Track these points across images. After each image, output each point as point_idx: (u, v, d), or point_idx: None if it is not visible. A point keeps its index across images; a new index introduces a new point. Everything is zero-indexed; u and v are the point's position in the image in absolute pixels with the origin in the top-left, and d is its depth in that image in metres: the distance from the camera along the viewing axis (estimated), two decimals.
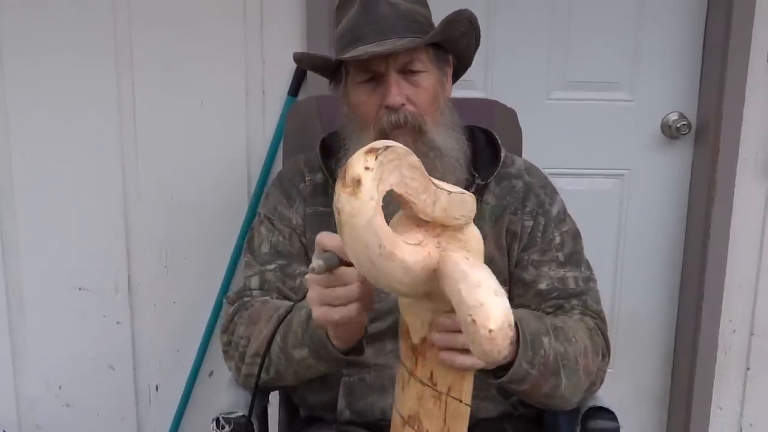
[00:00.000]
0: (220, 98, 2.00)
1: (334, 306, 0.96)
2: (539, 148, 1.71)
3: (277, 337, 1.15)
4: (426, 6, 1.30)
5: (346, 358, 1.09)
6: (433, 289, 0.82)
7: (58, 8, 1.94)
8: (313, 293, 0.98)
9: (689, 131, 2.14)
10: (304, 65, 1.31)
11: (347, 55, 1.21)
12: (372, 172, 0.76)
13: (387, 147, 0.78)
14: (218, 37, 1.97)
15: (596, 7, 2.10)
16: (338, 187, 0.76)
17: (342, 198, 0.75)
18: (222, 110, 2.01)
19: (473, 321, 0.71)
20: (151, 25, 1.96)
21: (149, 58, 1.98)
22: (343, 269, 0.92)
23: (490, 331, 0.70)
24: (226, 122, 2.01)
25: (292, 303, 1.18)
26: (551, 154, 2.03)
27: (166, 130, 2.02)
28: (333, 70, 1.30)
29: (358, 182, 0.75)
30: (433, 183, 0.83)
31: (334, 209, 0.77)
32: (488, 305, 0.72)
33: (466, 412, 0.91)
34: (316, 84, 1.96)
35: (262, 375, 1.16)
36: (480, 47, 1.36)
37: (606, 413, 1.22)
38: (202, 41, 1.97)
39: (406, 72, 1.23)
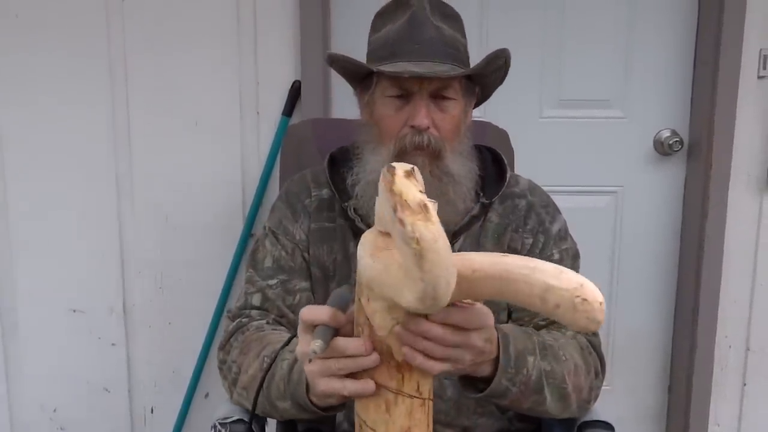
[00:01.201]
0: (215, 118, 2.01)
1: (340, 377, 0.92)
2: (533, 165, 1.71)
3: (263, 385, 1.14)
4: (464, 35, 1.31)
5: (324, 414, 1.07)
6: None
7: (52, 29, 1.96)
8: (314, 367, 0.95)
9: (682, 148, 2.15)
10: (336, 68, 1.31)
11: (387, 69, 1.21)
12: (425, 195, 0.75)
13: (413, 168, 0.78)
14: (212, 57, 1.98)
15: (588, 25, 2.12)
16: (405, 216, 0.72)
17: (419, 226, 0.72)
18: (216, 130, 2.02)
19: (584, 300, 0.77)
20: (146, 45, 1.98)
21: (144, 79, 1.99)
22: (343, 340, 0.89)
23: (600, 303, 0.77)
24: (220, 142, 2.02)
25: (278, 342, 1.16)
26: (545, 171, 2.02)
27: (160, 150, 2.02)
28: (361, 78, 1.31)
29: (425, 207, 0.73)
30: None
31: (407, 241, 0.72)
32: (586, 283, 0.77)
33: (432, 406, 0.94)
34: (310, 104, 1.98)
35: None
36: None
37: (602, 425, 1.23)
38: (197, 62, 1.98)
39: (437, 96, 1.24)
